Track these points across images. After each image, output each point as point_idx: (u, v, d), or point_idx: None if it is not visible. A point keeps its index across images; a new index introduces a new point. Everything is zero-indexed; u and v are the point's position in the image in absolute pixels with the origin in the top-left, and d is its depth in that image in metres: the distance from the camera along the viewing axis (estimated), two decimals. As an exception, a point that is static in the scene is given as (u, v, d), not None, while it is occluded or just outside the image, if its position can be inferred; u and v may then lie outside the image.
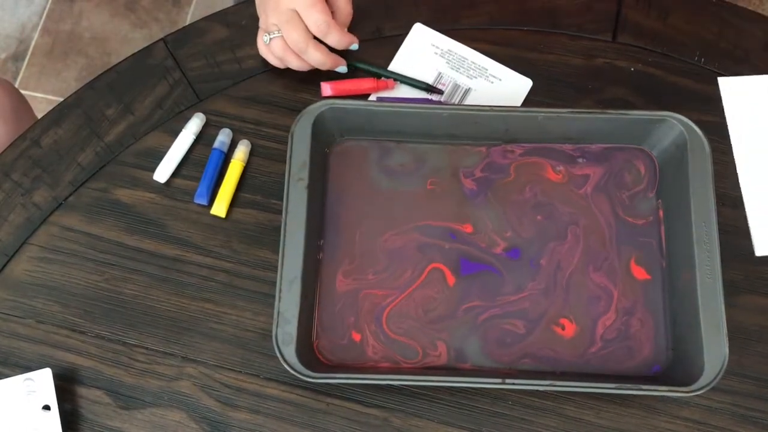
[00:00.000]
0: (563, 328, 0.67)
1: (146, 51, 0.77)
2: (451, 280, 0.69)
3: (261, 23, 0.73)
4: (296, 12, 0.70)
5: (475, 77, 0.76)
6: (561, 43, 0.77)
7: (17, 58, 1.59)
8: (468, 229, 0.70)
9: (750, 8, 0.79)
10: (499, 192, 0.71)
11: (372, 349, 0.67)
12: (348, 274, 0.69)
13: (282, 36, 0.71)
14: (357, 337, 0.67)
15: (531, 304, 0.68)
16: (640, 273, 0.69)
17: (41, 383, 0.65)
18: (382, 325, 0.67)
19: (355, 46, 0.74)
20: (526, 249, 0.69)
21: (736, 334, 0.66)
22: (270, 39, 0.71)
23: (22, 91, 1.05)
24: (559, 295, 0.68)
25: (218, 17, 0.78)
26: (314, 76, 0.76)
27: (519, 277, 0.69)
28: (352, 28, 0.76)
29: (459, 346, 0.67)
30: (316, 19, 0.70)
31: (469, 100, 0.75)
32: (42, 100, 1.54)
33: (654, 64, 0.76)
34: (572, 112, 0.69)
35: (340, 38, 0.72)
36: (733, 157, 0.73)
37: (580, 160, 0.71)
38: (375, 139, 0.72)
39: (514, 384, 0.63)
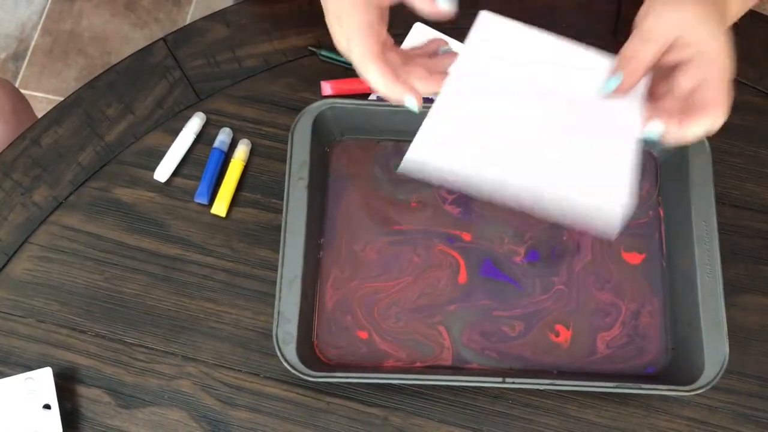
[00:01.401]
0: (557, 335, 0.67)
1: (146, 50, 0.78)
2: (463, 277, 0.69)
3: None
4: None
5: (476, 76, 0.76)
6: (561, 43, 0.77)
7: (17, 57, 1.59)
8: (467, 237, 0.70)
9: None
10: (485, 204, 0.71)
11: (379, 345, 0.67)
12: (349, 272, 0.69)
13: None
14: (363, 335, 0.67)
15: (547, 306, 0.68)
16: (637, 264, 0.69)
17: (42, 382, 0.65)
18: (385, 320, 0.67)
19: (409, 102, 0.55)
20: (542, 246, 0.69)
21: (736, 334, 0.66)
22: None
23: (22, 91, 1.05)
24: (573, 293, 0.68)
25: (218, 17, 0.78)
26: (314, 76, 0.76)
27: (541, 281, 0.68)
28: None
29: (458, 340, 0.67)
30: (353, 59, 0.55)
31: (470, 100, 0.75)
32: (42, 100, 1.54)
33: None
34: (572, 111, 0.69)
35: (382, 94, 0.54)
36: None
37: None
38: (375, 138, 0.72)
39: (514, 383, 0.63)
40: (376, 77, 0.54)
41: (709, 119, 0.54)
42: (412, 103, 0.55)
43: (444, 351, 0.67)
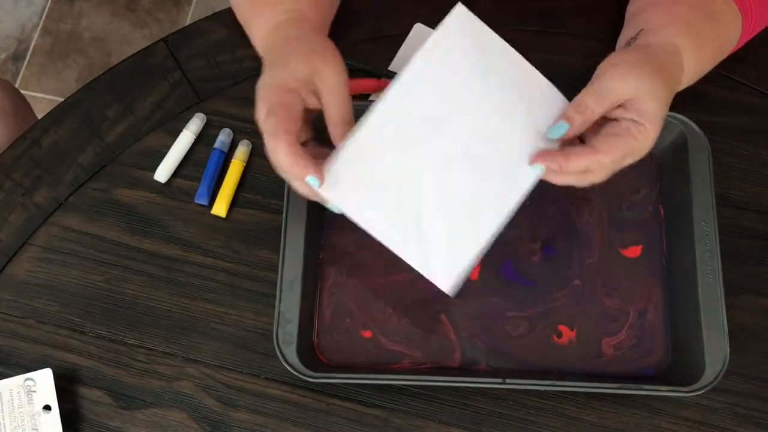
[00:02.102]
0: (560, 336, 0.67)
1: (146, 51, 0.78)
2: (474, 274, 0.69)
3: None
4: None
5: (476, 77, 0.76)
6: (561, 43, 0.77)
7: (17, 58, 1.59)
8: None
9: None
10: None
11: (382, 345, 0.67)
12: (349, 272, 0.69)
13: None
14: (366, 334, 0.67)
15: (560, 304, 0.68)
16: (636, 257, 0.69)
17: (42, 383, 0.65)
18: (388, 320, 0.67)
19: (311, 180, 0.57)
20: (556, 238, 0.69)
21: (736, 334, 0.66)
22: None
23: (22, 91, 1.05)
24: (585, 291, 0.68)
25: (218, 17, 0.78)
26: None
27: (559, 276, 0.68)
28: (352, 28, 0.76)
29: (462, 337, 0.67)
30: (266, 130, 0.58)
31: (470, 100, 0.75)
32: (42, 100, 1.54)
33: (654, 63, 0.76)
34: (573, 111, 0.69)
35: (286, 170, 0.57)
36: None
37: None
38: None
39: (515, 384, 0.63)
40: (283, 149, 0.56)
41: (591, 160, 0.58)
42: (314, 183, 0.57)
43: (450, 350, 0.67)
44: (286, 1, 0.65)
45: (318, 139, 0.62)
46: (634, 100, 0.58)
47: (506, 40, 0.77)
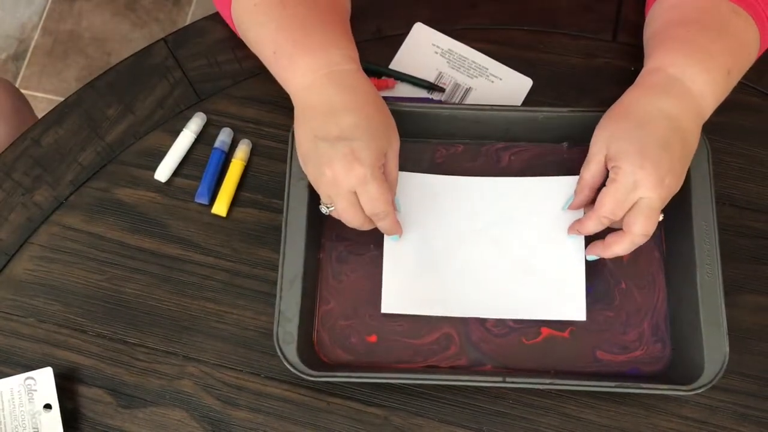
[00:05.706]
0: (561, 338, 0.67)
1: (147, 51, 0.78)
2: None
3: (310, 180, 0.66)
4: (355, 194, 0.63)
5: (476, 76, 0.76)
6: (561, 43, 0.77)
7: (17, 58, 1.59)
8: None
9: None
10: None
11: (382, 344, 0.67)
12: (350, 271, 0.69)
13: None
14: (366, 335, 0.67)
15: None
16: (638, 262, 0.69)
17: (42, 382, 0.65)
18: (388, 319, 0.67)
19: (395, 238, 0.68)
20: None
21: (736, 333, 0.66)
22: (329, 211, 0.65)
23: (22, 91, 1.05)
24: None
25: (219, 17, 0.78)
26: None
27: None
28: (352, 28, 0.76)
29: (466, 339, 0.67)
30: (375, 207, 0.63)
31: (470, 100, 0.76)
32: (42, 100, 1.55)
33: (654, 63, 0.76)
34: (572, 111, 0.69)
35: (391, 227, 0.65)
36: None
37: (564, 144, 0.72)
38: (375, 138, 0.72)
39: (514, 383, 0.63)
40: (391, 220, 0.65)
41: (625, 244, 0.63)
42: (395, 239, 0.68)
43: (456, 353, 0.67)
44: (338, 45, 0.66)
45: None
46: (608, 153, 0.62)
47: (506, 40, 0.78)
